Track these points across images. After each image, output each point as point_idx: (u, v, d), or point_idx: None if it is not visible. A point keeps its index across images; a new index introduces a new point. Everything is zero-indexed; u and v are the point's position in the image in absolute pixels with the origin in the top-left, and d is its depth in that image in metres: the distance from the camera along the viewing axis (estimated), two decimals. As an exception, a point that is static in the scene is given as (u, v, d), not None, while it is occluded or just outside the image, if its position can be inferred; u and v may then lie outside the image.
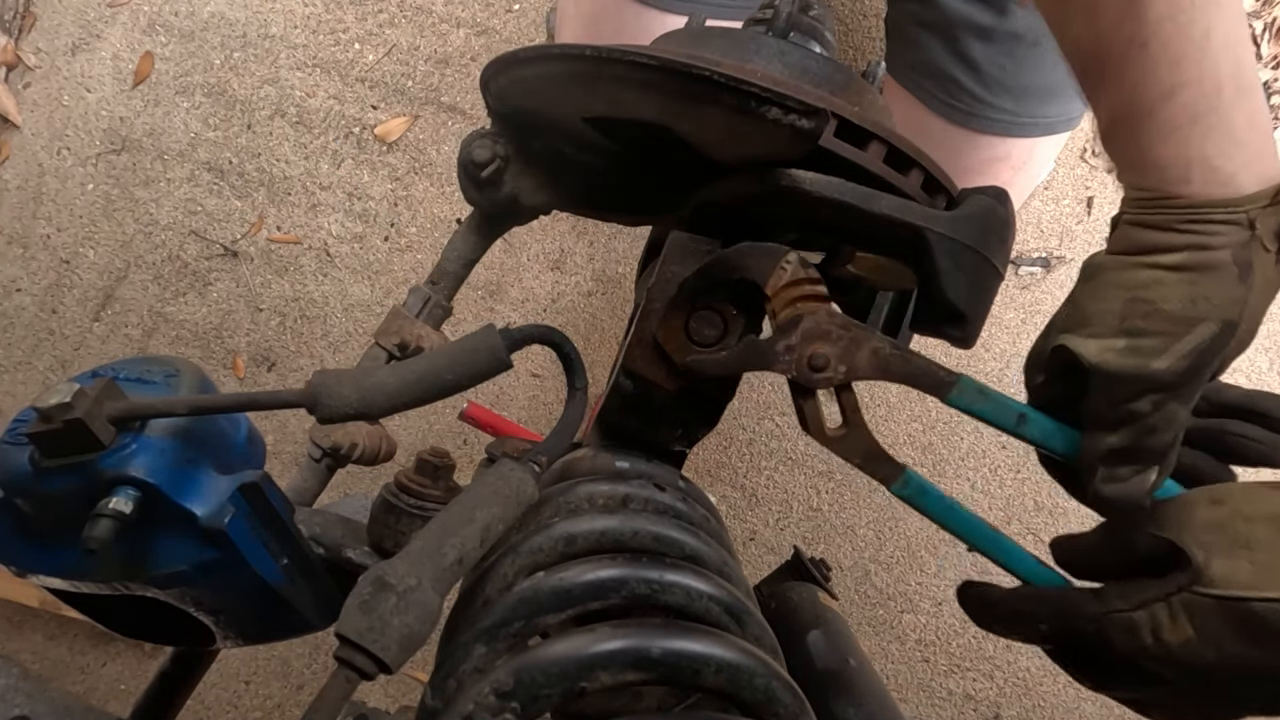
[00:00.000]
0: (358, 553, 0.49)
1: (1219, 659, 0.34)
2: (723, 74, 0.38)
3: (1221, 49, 0.38)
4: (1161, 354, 0.38)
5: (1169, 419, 0.39)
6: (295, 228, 1.40)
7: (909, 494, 0.40)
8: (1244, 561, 0.34)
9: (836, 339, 0.40)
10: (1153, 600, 0.35)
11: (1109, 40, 0.40)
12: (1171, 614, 0.35)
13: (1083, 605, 0.38)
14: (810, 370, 0.40)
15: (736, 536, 1.37)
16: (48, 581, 0.42)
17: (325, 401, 0.38)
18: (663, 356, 0.43)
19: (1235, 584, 0.34)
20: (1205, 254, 0.38)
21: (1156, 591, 0.35)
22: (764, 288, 0.41)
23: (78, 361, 1.42)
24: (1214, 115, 0.38)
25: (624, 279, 1.39)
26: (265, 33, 1.41)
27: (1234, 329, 0.39)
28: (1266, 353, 1.34)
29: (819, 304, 0.40)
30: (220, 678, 1.36)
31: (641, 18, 0.83)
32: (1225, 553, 0.34)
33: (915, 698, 1.35)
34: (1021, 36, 0.79)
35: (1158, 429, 0.39)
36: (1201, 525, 0.36)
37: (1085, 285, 0.42)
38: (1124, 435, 0.39)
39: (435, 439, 1.38)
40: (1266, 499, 0.36)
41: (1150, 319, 0.39)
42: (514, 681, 0.30)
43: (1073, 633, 0.38)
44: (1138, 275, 0.40)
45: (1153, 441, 0.39)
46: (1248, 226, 0.38)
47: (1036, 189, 1.35)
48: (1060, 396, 0.42)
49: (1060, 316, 0.43)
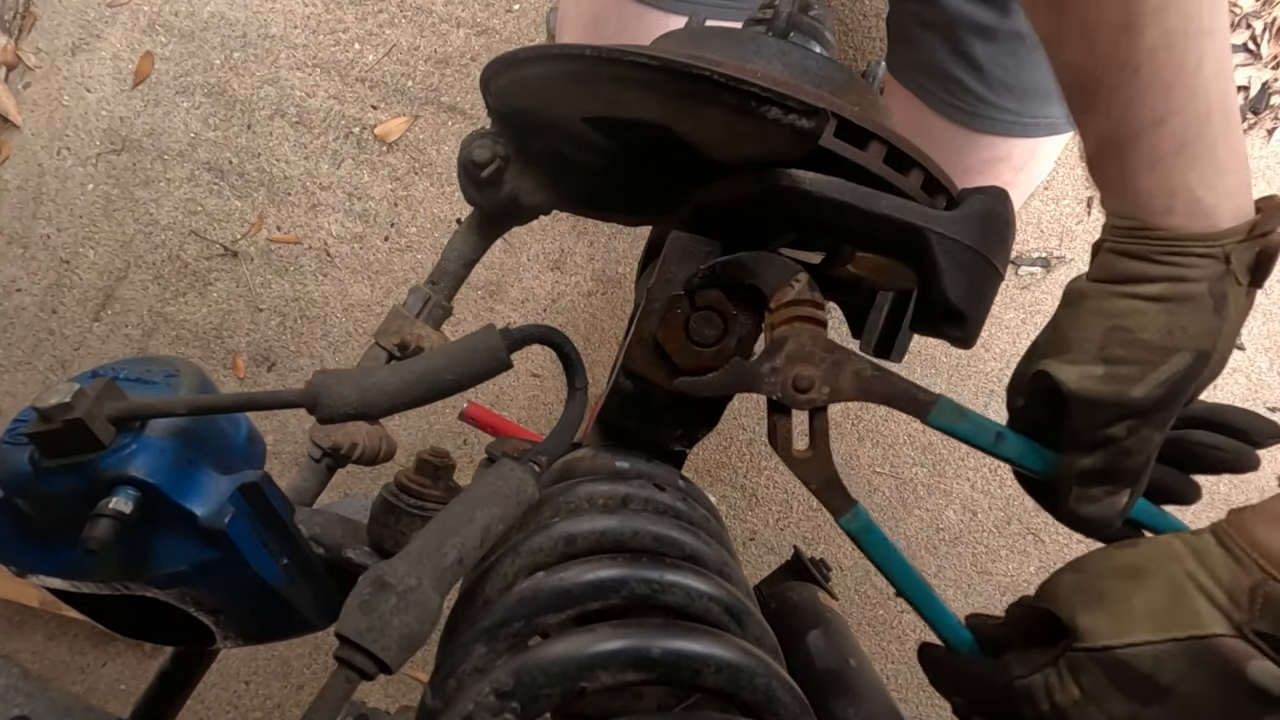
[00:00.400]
0: (358, 553, 0.49)
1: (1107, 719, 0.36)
2: (723, 74, 0.38)
3: (1212, 78, 0.39)
4: (1139, 382, 0.40)
5: (1143, 443, 0.41)
6: (295, 228, 1.40)
7: (855, 529, 0.42)
8: (1102, 614, 0.37)
9: (820, 361, 0.41)
10: (1044, 665, 0.38)
11: (1103, 64, 0.41)
12: (1059, 676, 0.37)
13: (991, 675, 0.40)
14: (795, 391, 0.41)
15: (736, 536, 1.37)
16: (48, 581, 0.42)
17: (325, 401, 0.38)
18: (663, 356, 0.43)
19: (1098, 635, 0.36)
20: (1183, 285, 0.40)
21: (1046, 656, 0.38)
22: (769, 299, 0.41)
23: (78, 361, 1.42)
24: (1200, 143, 0.40)
25: (624, 279, 1.39)
26: (265, 33, 1.41)
27: (1208, 358, 0.40)
28: (1267, 353, 1.34)
29: (809, 325, 0.41)
30: (220, 678, 1.36)
31: (642, 18, 0.83)
32: (1087, 609, 0.37)
33: (915, 698, 1.35)
34: (1024, 36, 0.78)
35: (1132, 452, 0.41)
36: (1066, 588, 0.39)
37: (1067, 311, 0.44)
38: (1099, 457, 0.41)
39: (435, 439, 1.38)
40: (1115, 556, 0.39)
41: (1129, 347, 0.40)
42: (514, 681, 0.30)
43: (985, 702, 0.40)
44: (1118, 304, 0.42)
45: (1127, 464, 0.41)
46: (1223, 260, 0.40)
47: (1037, 189, 1.35)
48: (1040, 419, 0.44)
49: (1042, 340, 0.45)
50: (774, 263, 0.42)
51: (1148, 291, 0.41)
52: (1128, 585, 0.37)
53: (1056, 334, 0.44)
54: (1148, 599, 0.36)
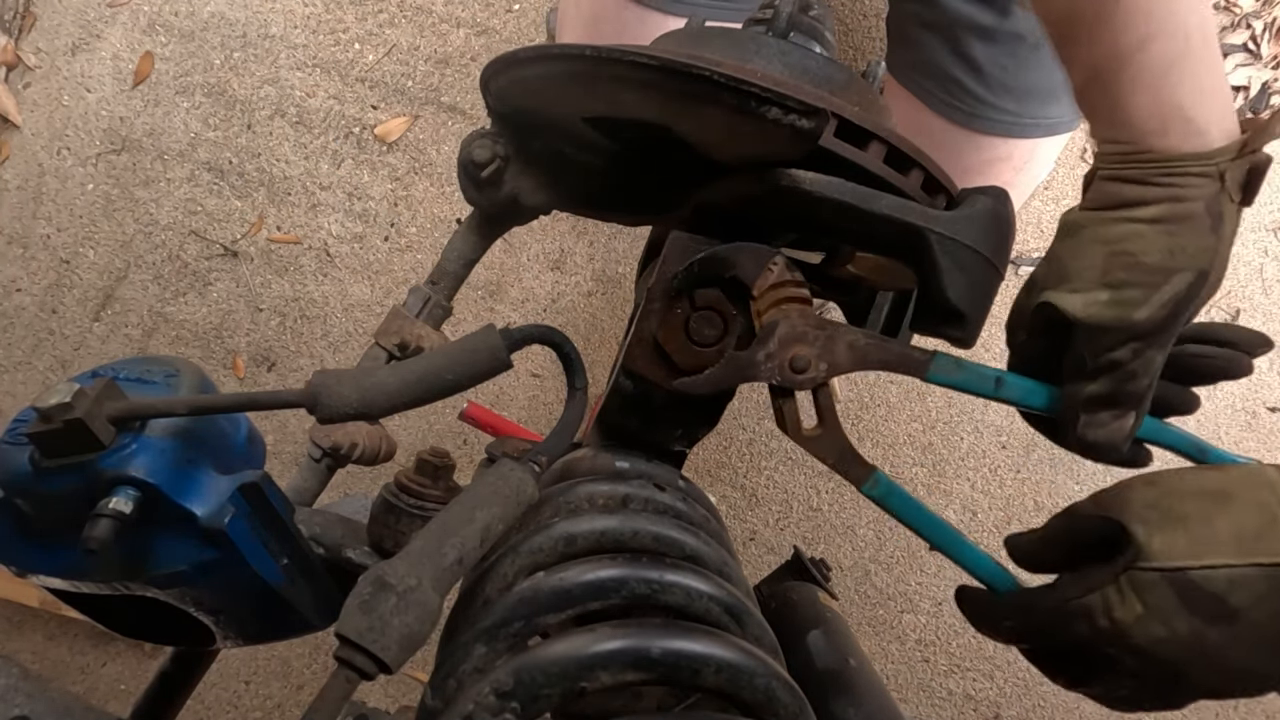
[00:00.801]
0: (358, 553, 0.49)
1: (1169, 634, 0.36)
2: (723, 74, 0.38)
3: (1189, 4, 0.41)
4: (1142, 304, 0.41)
5: (1147, 365, 0.42)
6: (295, 228, 1.40)
7: (878, 494, 0.42)
8: (1180, 534, 0.36)
9: (813, 339, 0.41)
10: (1103, 583, 0.37)
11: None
12: (1120, 593, 0.37)
13: (1041, 599, 0.39)
14: (793, 373, 0.41)
15: (736, 536, 1.37)
16: (48, 581, 0.42)
17: (325, 401, 0.38)
18: (663, 356, 0.43)
19: (1174, 555, 0.36)
20: (1181, 206, 0.41)
21: (1105, 574, 0.37)
22: (750, 287, 0.41)
23: (78, 361, 1.42)
24: (1185, 64, 0.41)
25: (624, 279, 1.39)
26: (265, 33, 1.41)
27: (1206, 277, 0.41)
28: (1267, 353, 1.34)
29: (795, 305, 0.41)
30: (220, 678, 1.36)
31: (642, 19, 0.83)
32: (1162, 528, 0.37)
33: (915, 698, 1.35)
34: (1023, 37, 0.78)
35: (1137, 375, 0.42)
36: (1140, 504, 0.38)
37: (1065, 242, 0.44)
38: (1104, 383, 0.42)
39: (435, 439, 1.38)
40: (1195, 478, 0.38)
41: (1131, 271, 0.41)
42: (514, 681, 0.30)
43: (1036, 627, 0.40)
44: (1116, 229, 0.42)
45: (1132, 387, 0.42)
46: (1218, 179, 0.41)
47: (1037, 189, 1.35)
48: (1040, 352, 0.45)
49: (1040, 273, 0.45)
50: (747, 251, 0.42)
51: (1146, 214, 0.41)
52: (1211, 507, 0.37)
53: (1055, 265, 0.44)
54: (1234, 523, 0.36)
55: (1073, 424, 0.43)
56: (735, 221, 0.45)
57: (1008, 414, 1.35)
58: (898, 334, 0.56)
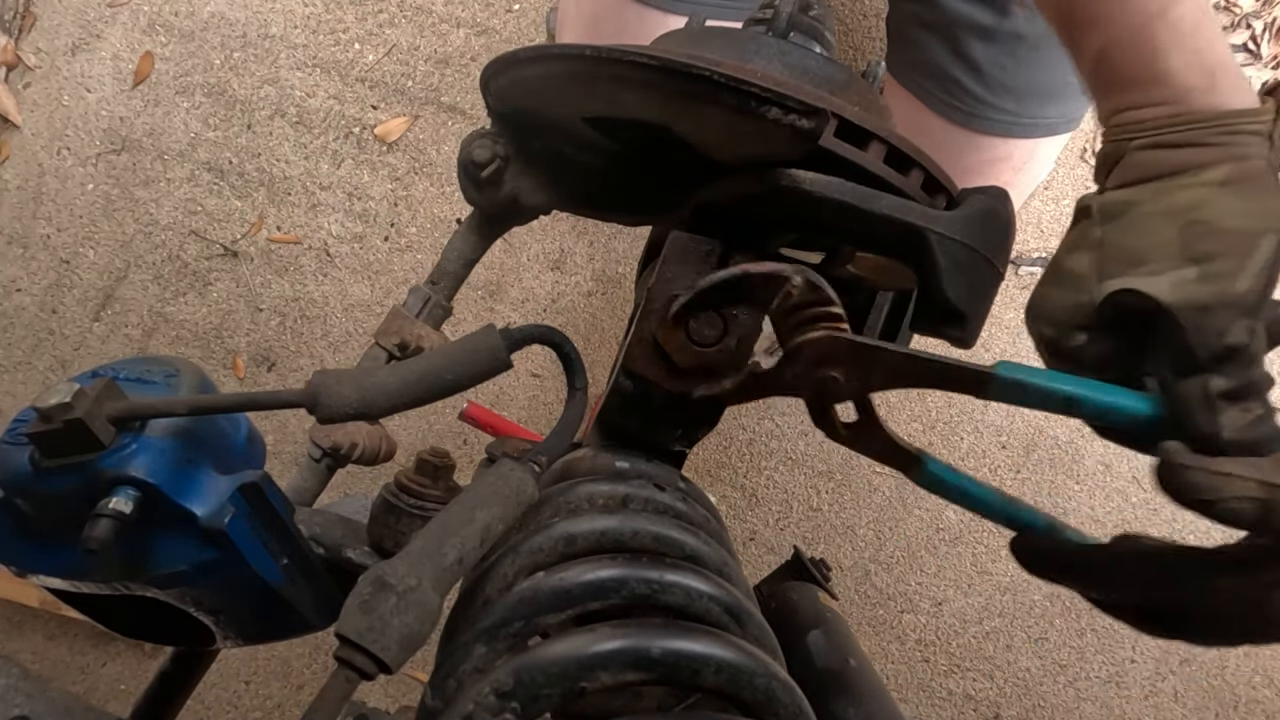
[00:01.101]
0: (358, 553, 0.49)
1: None
2: (723, 74, 0.38)
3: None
4: (1239, 274, 0.35)
5: (1262, 345, 0.36)
6: (295, 228, 1.40)
7: (928, 483, 0.40)
8: None
9: (845, 362, 0.39)
10: None
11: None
12: None
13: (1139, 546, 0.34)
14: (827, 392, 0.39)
15: (736, 536, 1.37)
16: (48, 581, 0.42)
17: (325, 401, 0.38)
18: (663, 356, 0.43)
19: None
20: (1246, 164, 0.37)
21: None
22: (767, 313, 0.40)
23: (78, 361, 1.42)
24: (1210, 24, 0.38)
25: (624, 279, 1.39)
26: (265, 33, 1.41)
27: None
28: (1267, 353, 1.34)
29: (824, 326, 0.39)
30: (220, 678, 1.36)
31: (642, 18, 0.83)
32: None
33: (915, 698, 1.35)
34: (1023, 37, 0.79)
35: (1258, 356, 0.35)
36: None
37: (1115, 224, 0.39)
38: (1230, 373, 0.35)
39: (435, 439, 1.38)
40: None
41: (1214, 240, 0.36)
42: (514, 681, 0.30)
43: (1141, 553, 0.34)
44: (1182, 197, 0.37)
45: (1257, 373, 0.35)
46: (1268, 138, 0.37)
47: (1037, 189, 1.35)
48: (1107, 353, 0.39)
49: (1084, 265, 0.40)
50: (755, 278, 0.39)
51: (1215, 176, 0.37)
52: None
53: (1114, 251, 0.38)
54: None
55: (1213, 429, 0.34)
56: (735, 221, 0.45)
57: (1008, 414, 1.35)
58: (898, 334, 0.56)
